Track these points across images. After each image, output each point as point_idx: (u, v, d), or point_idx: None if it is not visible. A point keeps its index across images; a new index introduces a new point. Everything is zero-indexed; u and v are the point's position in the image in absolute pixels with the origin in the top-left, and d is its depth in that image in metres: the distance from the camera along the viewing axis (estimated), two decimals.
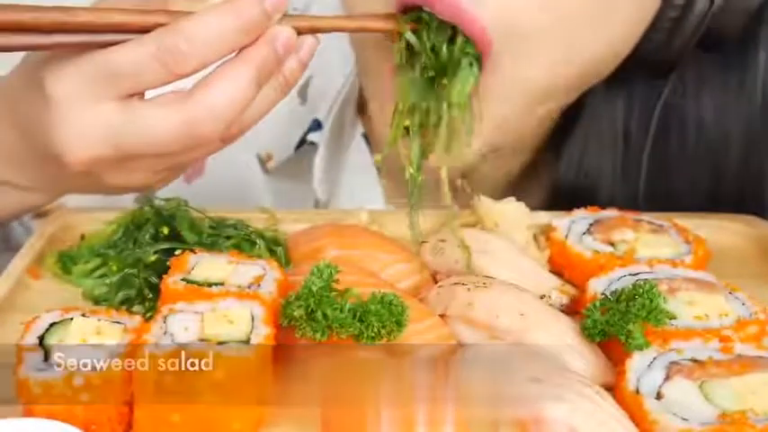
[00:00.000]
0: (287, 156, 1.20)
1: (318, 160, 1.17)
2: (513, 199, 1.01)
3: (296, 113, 1.20)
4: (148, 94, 0.82)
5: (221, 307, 0.76)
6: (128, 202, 0.99)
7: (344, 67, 1.19)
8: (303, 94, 1.22)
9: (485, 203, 1.00)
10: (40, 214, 1.11)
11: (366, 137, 1.21)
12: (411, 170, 0.92)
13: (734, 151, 1.08)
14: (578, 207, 1.01)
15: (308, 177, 1.18)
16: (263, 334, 0.72)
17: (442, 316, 0.84)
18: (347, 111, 1.19)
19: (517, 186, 1.18)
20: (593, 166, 1.10)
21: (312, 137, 1.17)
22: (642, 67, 1.01)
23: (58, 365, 0.71)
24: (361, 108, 1.21)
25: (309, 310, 0.75)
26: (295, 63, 0.86)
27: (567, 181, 1.11)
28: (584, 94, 1.05)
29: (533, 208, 1.02)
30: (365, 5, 0.95)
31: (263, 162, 1.22)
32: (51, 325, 0.75)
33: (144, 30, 0.79)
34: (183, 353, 0.69)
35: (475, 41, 0.89)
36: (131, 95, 0.80)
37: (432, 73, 0.89)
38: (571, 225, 0.98)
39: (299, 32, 0.84)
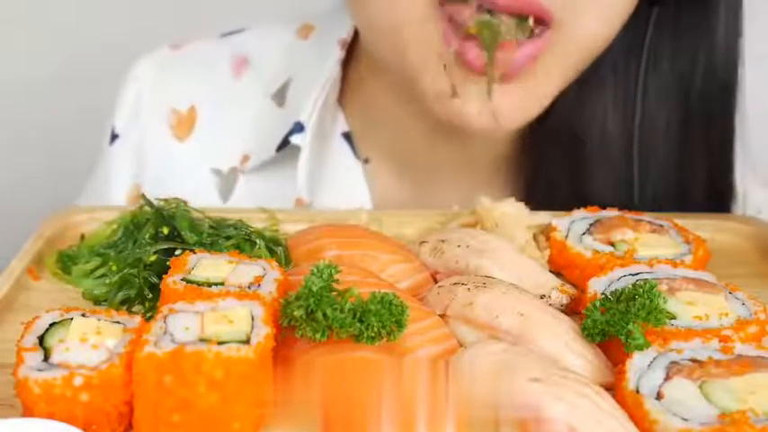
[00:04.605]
0: (267, 157, 1.21)
1: (302, 162, 1.18)
2: (513, 199, 1.01)
3: (273, 116, 1.22)
4: None
5: (221, 307, 0.75)
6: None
7: (324, 68, 1.20)
8: (279, 98, 1.24)
9: (485, 203, 1.00)
10: None
11: (346, 136, 1.22)
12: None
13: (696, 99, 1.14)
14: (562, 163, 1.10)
15: (289, 178, 1.19)
16: (263, 334, 0.72)
17: (442, 316, 0.84)
18: (327, 111, 1.20)
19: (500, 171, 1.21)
20: (587, 101, 1.14)
21: (295, 139, 1.18)
22: None
23: (59, 365, 0.71)
24: (341, 101, 1.23)
25: (309, 310, 0.75)
26: None
27: (557, 126, 1.14)
28: None
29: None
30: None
31: (227, 174, 1.25)
32: (51, 325, 0.75)
33: None
34: (182, 353, 0.69)
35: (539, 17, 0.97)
36: None
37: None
38: (571, 225, 0.98)
39: None
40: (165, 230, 0.92)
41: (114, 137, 1.29)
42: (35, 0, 1.87)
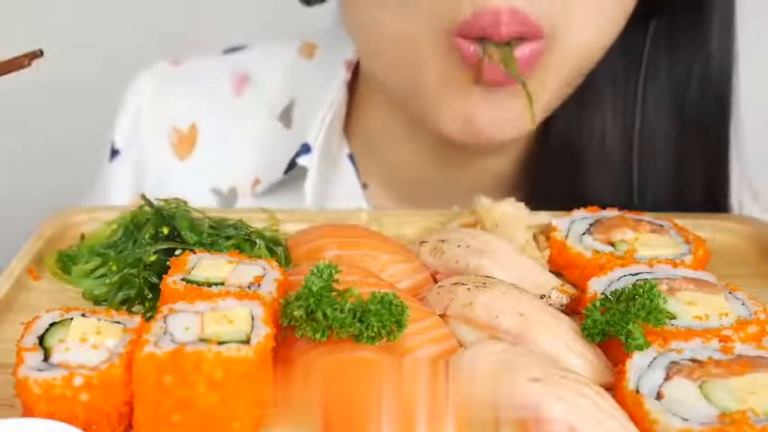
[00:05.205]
0: (275, 179, 1.21)
1: (309, 183, 1.18)
2: (512, 199, 1.01)
3: (281, 137, 1.22)
4: None
5: (221, 307, 0.75)
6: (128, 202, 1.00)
7: (330, 88, 1.20)
8: (286, 119, 1.23)
9: (485, 204, 1.00)
10: None
11: (351, 157, 1.22)
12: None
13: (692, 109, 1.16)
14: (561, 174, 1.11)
15: (297, 199, 1.19)
16: (263, 334, 0.72)
17: (442, 316, 0.84)
18: (334, 133, 1.20)
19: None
20: (587, 114, 1.15)
21: (302, 161, 1.18)
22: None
23: (59, 365, 0.71)
24: (347, 127, 1.23)
25: (309, 310, 0.75)
26: None
27: (558, 143, 1.15)
28: None
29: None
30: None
31: (227, 194, 1.25)
32: (51, 325, 0.75)
33: None
34: (182, 353, 0.69)
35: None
36: None
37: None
38: (571, 225, 0.98)
39: None
40: (165, 230, 0.92)
41: (114, 152, 1.28)
42: (35, 1, 1.87)
